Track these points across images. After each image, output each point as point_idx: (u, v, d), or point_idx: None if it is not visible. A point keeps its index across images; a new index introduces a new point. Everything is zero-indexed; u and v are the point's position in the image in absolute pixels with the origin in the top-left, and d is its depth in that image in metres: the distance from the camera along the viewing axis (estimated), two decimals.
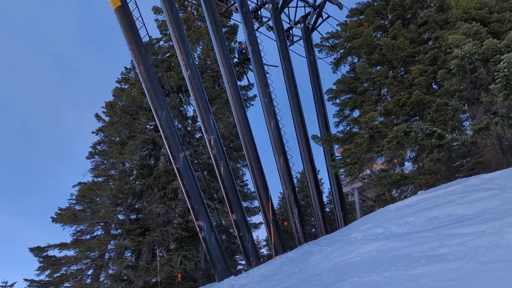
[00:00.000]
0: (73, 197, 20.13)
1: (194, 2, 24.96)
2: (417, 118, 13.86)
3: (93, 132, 22.80)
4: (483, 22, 11.32)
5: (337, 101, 16.08)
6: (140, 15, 14.74)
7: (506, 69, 9.25)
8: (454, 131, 11.61)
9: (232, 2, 19.72)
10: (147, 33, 15.29)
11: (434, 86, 13.03)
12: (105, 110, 22.98)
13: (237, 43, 19.72)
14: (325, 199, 34.68)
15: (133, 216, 21.24)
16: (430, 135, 11.34)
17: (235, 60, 27.10)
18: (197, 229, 13.46)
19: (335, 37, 17.68)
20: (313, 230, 29.80)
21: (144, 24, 14.89)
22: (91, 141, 22.89)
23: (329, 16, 21.14)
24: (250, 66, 19.52)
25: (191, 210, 13.69)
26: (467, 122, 13.31)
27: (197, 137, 23.54)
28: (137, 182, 20.43)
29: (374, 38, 15.08)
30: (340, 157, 15.71)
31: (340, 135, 15.79)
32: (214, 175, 21.60)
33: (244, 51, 20.01)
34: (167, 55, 25.21)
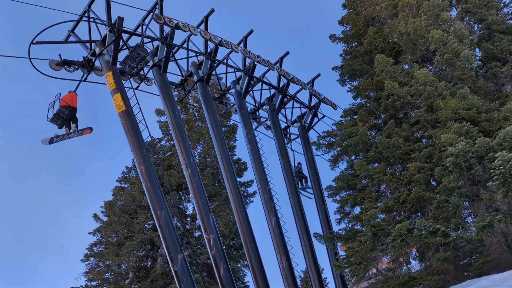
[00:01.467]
0: None
1: (195, 104, 26.22)
2: (419, 214, 13.75)
3: (90, 233, 22.37)
4: (473, 122, 11.80)
5: (337, 197, 16.09)
6: (143, 118, 15.30)
7: (501, 167, 9.42)
8: (458, 228, 11.44)
9: (231, 105, 20.70)
10: (150, 135, 15.72)
11: (433, 183, 13.14)
12: (104, 210, 22.81)
13: (295, 165, 21.00)
14: None
15: None
16: (434, 232, 11.14)
17: (234, 157, 27.65)
18: None
19: (331, 135, 18.28)
20: None
21: (147, 127, 15.36)
22: (88, 242, 22.30)
23: (324, 116, 22.05)
24: (306, 184, 20.25)
25: None
26: (469, 218, 13.20)
27: (196, 235, 23.04)
28: (132, 286, 19.49)
29: (369, 137, 15.59)
30: (344, 256, 15.22)
31: (343, 233, 15.52)
32: (214, 277, 20.69)
33: (300, 173, 20.88)
34: (168, 154, 25.76)
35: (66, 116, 14.21)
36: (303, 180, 20.97)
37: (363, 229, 14.24)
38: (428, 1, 16.21)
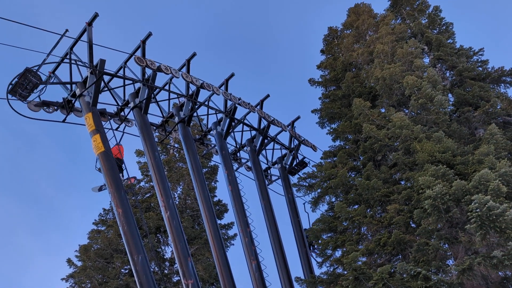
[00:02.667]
0: None
1: (176, 145, 26.15)
2: (400, 257, 13.71)
3: (62, 279, 21.38)
4: (449, 164, 12.08)
5: (319, 241, 15.98)
6: (123, 160, 15.18)
7: (478, 209, 9.56)
8: (439, 271, 11.42)
9: (212, 146, 20.72)
10: (128, 176, 15.51)
11: (412, 225, 13.22)
12: (79, 254, 21.96)
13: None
14: None
15: None
16: (415, 276, 11.07)
17: (215, 198, 27.35)
18: None
19: (311, 177, 18.38)
20: None
21: (126, 168, 15.23)
22: None
23: (304, 157, 22.21)
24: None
25: None
26: (450, 260, 13.21)
27: (175, 281, 22.29)
28: None
29: (349, 178, 15.73)
30: None
31: (325, 277, 15.26)
32: None
33: None
34: (147, 195, 25.32)
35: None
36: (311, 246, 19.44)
37: (345, 272, 14.07)
38: (402, 48, 16.96)
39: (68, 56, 15.23)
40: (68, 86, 15.60)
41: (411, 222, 13.30)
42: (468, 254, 11.21)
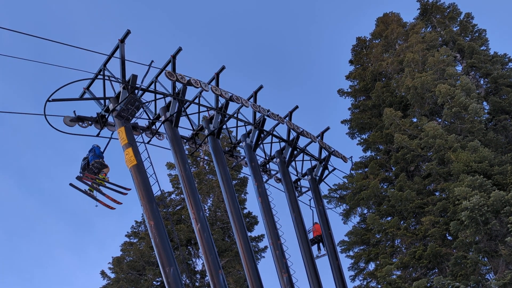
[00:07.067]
0: None
1: (206, 158, 26.42)
2: (436, 270, 13.27)
3: None
4: (486, 174, 11.67)
5: (351, 253, 15.70)
6: (154, 173, 15.35)
7: None
8: (478, 285, 10.96)
9: (242, 158, 20.78)
10: (160, 189, 15.68)
11: (449, 237, 12.80)
12: (112, 267, 22.38)
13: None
14: None
15: None
16: None
17: (245, 211, 27.36)
18: None
19: (342, 188, 18.13)
20: None
21: (157, 181, 15.40)
22: None
23: (334, 169, 21.85)
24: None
25: None
26: (490, 275, 12.66)
27: None
28: None
29: (381, 190, 15.43)
30: None
31: None
32: None
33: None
34: (178, 207, 25.62)
35: (318, 240, 19.17)
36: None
37: (379, 286, 13.73)
38: (433, 57, 16.63)
39: (101, 73, 15.73)
40: (102, 101, 16.08)
41: (447, 235, 12.88)
42: (509, 268, 10.72)
